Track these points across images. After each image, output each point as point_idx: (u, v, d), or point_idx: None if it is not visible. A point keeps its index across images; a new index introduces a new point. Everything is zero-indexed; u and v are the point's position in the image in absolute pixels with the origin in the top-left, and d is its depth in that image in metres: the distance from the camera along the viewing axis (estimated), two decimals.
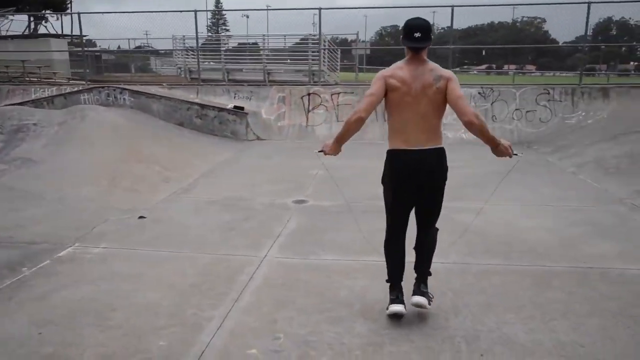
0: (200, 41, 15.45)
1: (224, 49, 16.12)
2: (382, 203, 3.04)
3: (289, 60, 15.44)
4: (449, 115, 2.92)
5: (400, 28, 2.90)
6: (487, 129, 2.73)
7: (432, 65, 2.77)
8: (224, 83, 13.43)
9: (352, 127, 2.79)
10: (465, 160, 7.48)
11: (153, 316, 3.10)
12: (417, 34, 2.69)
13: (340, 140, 2.90)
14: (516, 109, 10.96)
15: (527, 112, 10.90)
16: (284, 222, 5.07)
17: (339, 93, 11.69)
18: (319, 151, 3.01)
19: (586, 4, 11.12)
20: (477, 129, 2.65)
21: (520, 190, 6.12)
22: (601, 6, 12.22)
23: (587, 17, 11.24)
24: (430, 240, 3.04)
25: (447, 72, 2.76)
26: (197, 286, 3.54)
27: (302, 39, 16.14)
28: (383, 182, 3.00)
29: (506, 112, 10.98)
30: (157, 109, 11.29)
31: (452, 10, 11.81)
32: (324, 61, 13.70)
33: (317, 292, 3.43)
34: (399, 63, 2.83)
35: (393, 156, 2.85)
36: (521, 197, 5.87)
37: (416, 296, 2.94)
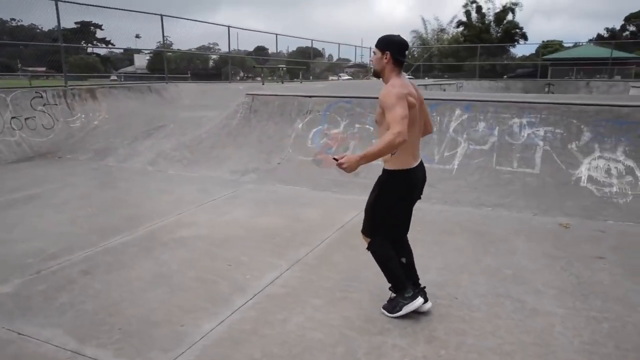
0: None
1: None
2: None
3: None
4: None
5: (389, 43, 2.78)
6: None
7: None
8: None
9: (394, 150, 2.59)
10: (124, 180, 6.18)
11: None
12: (407, 51, 2.83)
13: (372, 159, 2.54)
14: (13, 117, 9.25)
15: (27, 119, 9.47)
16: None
17: None
18: (336, 162, 2.53)
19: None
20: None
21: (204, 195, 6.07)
22: None
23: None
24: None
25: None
26: None
27: None
28: (386, 200, 2.89)
29: (2, 122, 9.04)
30: None
31: None
32: None
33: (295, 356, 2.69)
34: (399, 80, 2.76)
35: (409, 174, 2.86)
36: (220, 202, 5.84)
37: (429, 302, 3.12)
